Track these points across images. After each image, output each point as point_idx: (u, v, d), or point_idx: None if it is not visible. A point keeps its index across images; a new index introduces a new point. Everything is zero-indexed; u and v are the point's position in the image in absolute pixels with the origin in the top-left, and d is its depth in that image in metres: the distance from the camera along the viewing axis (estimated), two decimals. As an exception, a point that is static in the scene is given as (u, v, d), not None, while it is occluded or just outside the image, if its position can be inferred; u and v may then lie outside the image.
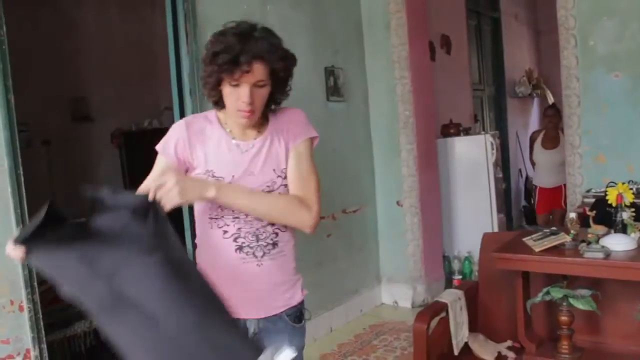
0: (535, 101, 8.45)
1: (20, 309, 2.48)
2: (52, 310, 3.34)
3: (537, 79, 8.21)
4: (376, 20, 4.66)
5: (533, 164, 5.73)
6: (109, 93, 5.65)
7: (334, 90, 4.27)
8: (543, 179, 5.54)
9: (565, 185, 4.56)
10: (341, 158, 4.42)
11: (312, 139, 1.71)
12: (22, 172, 2.49)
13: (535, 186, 5.66)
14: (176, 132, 1.66)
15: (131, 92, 5.77)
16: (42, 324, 2.58)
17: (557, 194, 5.28)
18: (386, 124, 4.69)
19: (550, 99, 7.94)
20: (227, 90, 1.56)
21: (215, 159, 1.62)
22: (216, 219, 1.62)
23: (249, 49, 1.48)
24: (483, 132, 5.60)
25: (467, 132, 5.51)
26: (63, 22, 5.30)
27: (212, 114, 1.70)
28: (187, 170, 1.65)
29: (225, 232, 1.61)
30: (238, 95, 1.54)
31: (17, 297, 2.47)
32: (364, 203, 4.69)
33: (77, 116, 5.57)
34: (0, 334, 2.41)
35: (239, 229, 1.60)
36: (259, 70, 1.51)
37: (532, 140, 5.61)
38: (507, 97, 7.53)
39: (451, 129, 5.41)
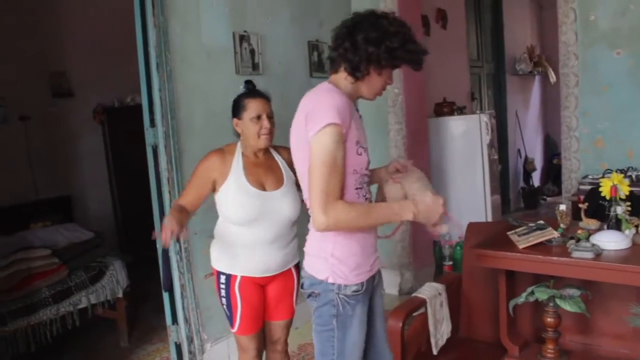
0: (537, 79, 8.17)
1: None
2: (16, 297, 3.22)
3: (539, 56, 7.91)
4: (364, -9, 4.39)
5: None
6: (91, 68, 5.45)
7: (317, 65, 4.02)
8: (247, 260, 2.26)
9: (297, 268, 2.39)
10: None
11: None
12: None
13: (230, 277, 2.28)
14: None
15: (114, 67, 5.55)
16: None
17: (284, 290, 2.38)
18: (374, 102, 4.40)
19: (553, 78, 7.66)
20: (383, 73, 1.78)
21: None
22: (360, 188, 1.77)
23: None
24: (478, 112, 5.33)
25: (461, 111, 5.25)
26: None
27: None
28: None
29: (366, 199, 1.81)
30: (387, 81, 1.82)
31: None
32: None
33: (57, 91, 5.38)
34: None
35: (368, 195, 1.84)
36: None
37: (212, 165, 2.24)
38: (506, 74, 7.26)
39: (444, 108, 5.16)
